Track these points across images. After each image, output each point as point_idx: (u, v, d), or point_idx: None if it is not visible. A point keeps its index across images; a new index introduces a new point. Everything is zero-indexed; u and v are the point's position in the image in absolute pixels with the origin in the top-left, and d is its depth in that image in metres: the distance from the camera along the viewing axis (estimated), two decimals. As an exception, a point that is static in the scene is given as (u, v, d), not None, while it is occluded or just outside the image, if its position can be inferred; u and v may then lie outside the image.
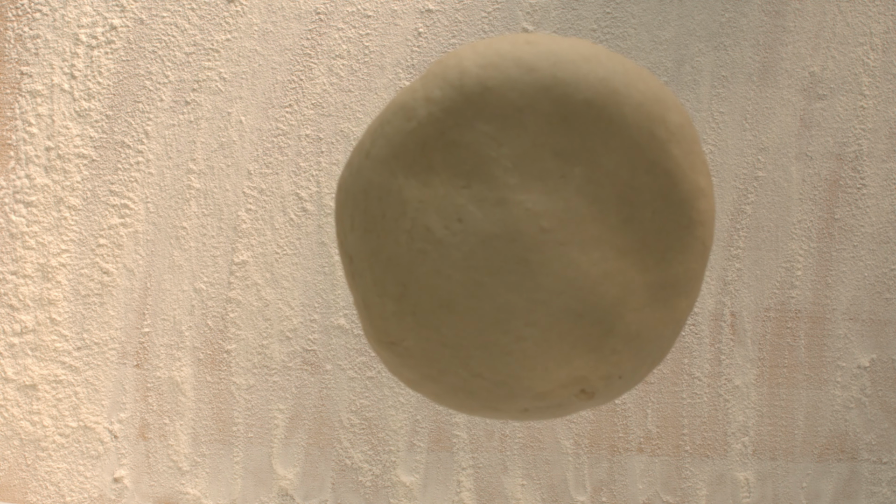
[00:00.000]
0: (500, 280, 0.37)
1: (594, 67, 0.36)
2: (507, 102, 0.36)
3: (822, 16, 0.53)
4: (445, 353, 0.38)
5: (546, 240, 0.37)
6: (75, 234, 0.54)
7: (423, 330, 0.38)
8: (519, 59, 0.36)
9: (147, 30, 0.55)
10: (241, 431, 0.54)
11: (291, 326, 0.54)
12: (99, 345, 0.54)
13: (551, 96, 0.36)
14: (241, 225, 0.54)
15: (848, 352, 0.53)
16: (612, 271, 0.37)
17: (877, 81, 0.52)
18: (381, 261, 0.38)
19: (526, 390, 0.38)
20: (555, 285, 0.37)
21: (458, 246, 0.37)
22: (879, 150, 0.52)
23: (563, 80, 0.35)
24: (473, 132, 0.36)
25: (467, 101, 0.36)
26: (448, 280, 0.37)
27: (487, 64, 0.36)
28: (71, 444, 0.54)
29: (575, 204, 0.37)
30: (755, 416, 0.53)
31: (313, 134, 0.54)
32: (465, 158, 0.36)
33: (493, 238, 0.37)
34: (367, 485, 0.54)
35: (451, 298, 0.37)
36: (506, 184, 0.36)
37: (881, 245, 0.52)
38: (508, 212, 0.36)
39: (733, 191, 0.53)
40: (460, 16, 0.53)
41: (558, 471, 0.53)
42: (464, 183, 0.37)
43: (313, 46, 0.54)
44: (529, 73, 0.36)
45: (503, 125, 0.36)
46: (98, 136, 0.55)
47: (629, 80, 0.36)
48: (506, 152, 0.36)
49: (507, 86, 0.36)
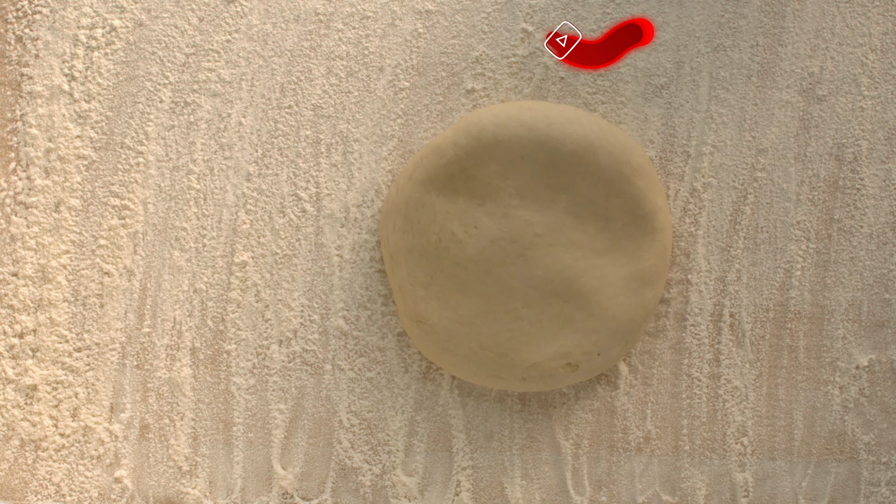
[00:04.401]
0: (503, 270, 0.48)
1: (577, 128, 0.48)
2: (512, 152, 0.48)
3: (821, 17, 0.53)
4: (461, 329, 0.49)
5: (539, 241, 0.48)
6: (75, 235, 0.55)
7: (444, 311, 0.49)
8: (522, 121, 0.48)
9: (147, 31, 0.55)
10: (241, 432, 0.54)
11: (291, 327, 0.54)
12: (99, 345, 0.55)
13: (545, 149, 0.48)
14: (240, 226, 0.54)
15: (847, 352, 0.53)
16: (591, 267, 0.48)
17: (876, 82, 0.52)
18: (415, 256, 0.49)
19: (522, 361, 0.49)
20: (545, 275, 0.48)
21: (473, 245, 0.48)
22: (878, 152, 0.52)
23: (553, 137, 0.48)
24: (487, 169, 0.48)
25: (484, 148, 0.48)
26: (465, 270, 0.48)
27: (500, 123, 0.48)
28: (71, 444, 0.55)
29: (562, 218, 0.48)
30: (754, 417, 0.53)
31: (313, 135, 0.54)
32: (480, 186, 0.48)
33: (499, 239, 0.48)
34: (367, 485, 0.54)
35: (466, 285, 0.49)
36: (510, 203, 0.48)
37: (880, 246, 0.52)
38: (511, 222, 0.48)
39: (732, 192, 0.53)
40: (460, 17, 0.53)
41: (557, 471, 0.53)
42: (479, 202, 0.48)
43: (313, 48, 0.54)
44: (529, 132, 0.48)
45: (509, 166, 0.48)
46: (98, 138, 0.55)
47: (603, 136, 0.48)
48: (510, 183, 0.48)
49: (512, 140, 0.48)
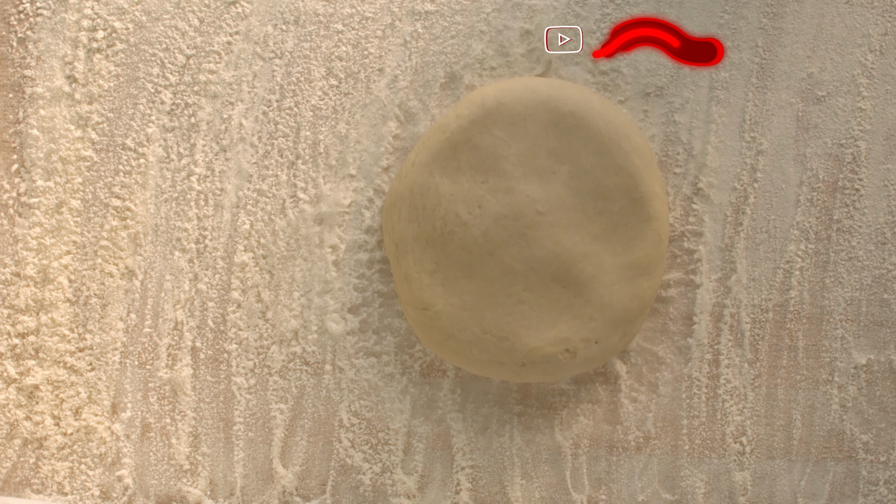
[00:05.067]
0: (506, 251, 0.49)
1: (577, 92, 0.50)
2: (515, 112, 0.49)
3: (820, 18, 0.53)
4: (465, 314, 0.50)
5: (540, 221, 0.49)
6: (77, 236, 0.55)
7: (449, 297, 0.50)
8: (524, 84, 0.50)
9: (147, 33, 0.55)
10: (242, 431, 0.54)
11: (291, 327, 0.54)
12: (101, 345, 0.55)
13: (547, 107, 0.49)
14: (241, 227, 0.54)
15: (845, 352, 0.53)
16: (589, 253, 0.49)
17: (875, 83, 0.52)
18: (422, 243, 0.50)
19: (523, 345, 0.49)
20: (545, 257, 0.49)
21: (478, 226, 0.49)
22: (877, 152, 0.52)
23: (555, 96, 0.49)
24: (490, 136, 0.49)
25: (487, 113, 0.49)
26: (470, 254, 0.49)
27: (502, 88, 0.50)
28: (73, 443, 0.55)
29: (562, 194, 0.49)
30: (753, 416, 0.53)
31: (312, 136, 0.54)
32: (483, 159, 0.49)
33: (502, 217, 0.49)
34: (367, 484, 0.54)
35: (471, 269, 0.49)
36: (512, 176, 0.49)
37: (879, 246, 0.52)
38: (514, 197, 0.49)
39: (732, 192, 0.53)
40: (459, 17, 0.54)
41: (557, 470, 0.53)
42: (482, 179, 0.49)
43: (312, 49, 0.54)
44: (532, 93, 0.49)
45: (512, 130, 0.49)
46: (99, 139, 0.55)
47: (604, 105, 0.50)
48: (513, 151, 0.49)
49: (515, 101, 0.49)
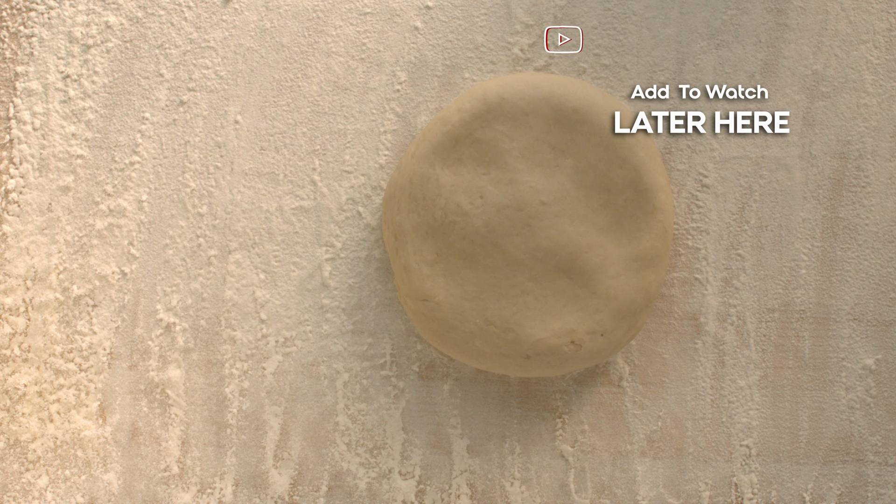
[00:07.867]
0: (509, 241, 0.48)
1: (579, 87, 0.49)
2: (517, 108, 0.48)
3: (824, 14, 0.52)
4: (467, 305, 0.49)
5: (544, 211, 0.48)
6: (69, 234, 0.54)
7: (450, 287, 0.49)
8: (526, 80, 0.49)
9: (142, 28, 0.54)
10: (234, 435, 0.53)
11: (286, 328, 0.53)
12: (91, 347, 0.54)
13: (549, 104, 0.48)
14: (235, 225, 0.53)
15: (853, 353, 0.52)
16: (594, 244, 0.48)
17: (880, 79, 0.52)
18: (421, 233, 0.49)
19: (528, 336, 0.48)
20: (550, 247, 0.48)
21: (479, 216, 0.48)
22: (883, 149, 0.52)
23: (557, 93, 0.48)
24: (492, 130, 0.48)
25: (489, 108, 0.48)
26: (471, 244, 0.48)
27: (504, 83, 0.49)
28: (61, 447, 0.54)
29: (566, 186, 0.48)
30: (759, 418, 0.52)
31: (309, 132, 0.53)
32: (485, 152, 0.48)
33: (505, 207, 0.48)
34: (363, 489, 0.53)
35: (473, 259, 0.48)
36: (515, 168, 0.48)
37: (886, 244, 0.52)
38: (517, 188, 0.48)
39: (737, 190, 0.52)
40: (458, 12, 0.53)
41: (558, 475, 0.52)
42: (484, 170, 0.48)
43: (310, 44, 0.54)
44: (534, 89, 0.49)
45: (514, 125, 0.48)
46: (93, 136, 0.54)
47: (606, 99, 0.49)
48: (515, 145, 0.48)
49: (517, 97, 0.48)
